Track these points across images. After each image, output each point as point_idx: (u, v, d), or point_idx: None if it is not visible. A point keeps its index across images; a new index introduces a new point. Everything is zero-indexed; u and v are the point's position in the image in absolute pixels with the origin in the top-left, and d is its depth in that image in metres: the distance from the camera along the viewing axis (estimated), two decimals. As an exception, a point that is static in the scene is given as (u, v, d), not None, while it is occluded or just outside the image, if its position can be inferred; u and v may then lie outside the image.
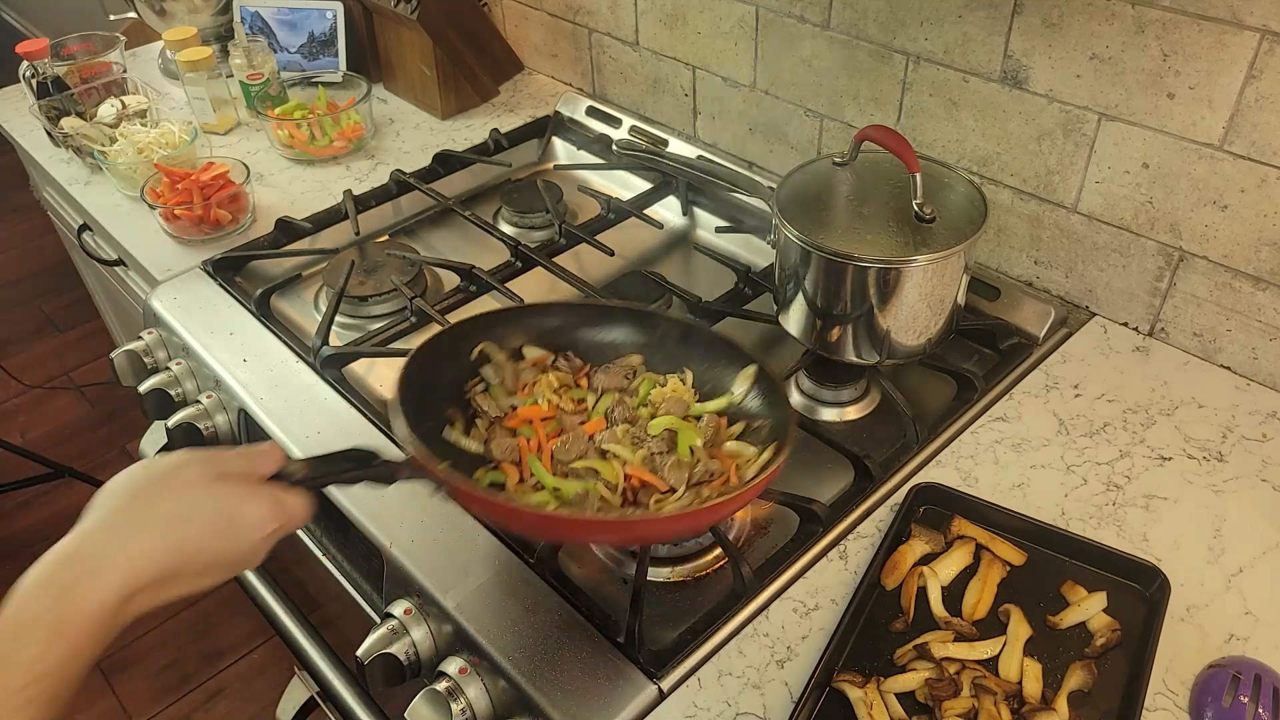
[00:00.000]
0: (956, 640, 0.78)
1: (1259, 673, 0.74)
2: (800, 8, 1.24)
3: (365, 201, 1.41)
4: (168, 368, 1.20)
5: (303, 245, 1.35)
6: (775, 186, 1.03)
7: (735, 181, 1.29)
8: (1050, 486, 0.93)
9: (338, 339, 1.18)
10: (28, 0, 4.08)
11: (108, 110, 1.55)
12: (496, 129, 1.56)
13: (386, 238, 1.40)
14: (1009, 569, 0.85)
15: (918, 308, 0.96)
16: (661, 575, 0.89)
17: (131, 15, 1.82)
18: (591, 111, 1.59)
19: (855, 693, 0.74)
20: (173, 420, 1.14)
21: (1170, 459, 0.95)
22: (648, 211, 1.38)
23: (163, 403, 1.18)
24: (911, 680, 0.75)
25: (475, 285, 1.24)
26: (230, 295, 1.23)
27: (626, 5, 1.47)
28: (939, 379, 1.09)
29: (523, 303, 1.09)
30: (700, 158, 1.41)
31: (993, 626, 0.80)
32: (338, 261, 1.27)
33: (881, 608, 0.83)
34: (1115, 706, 0.74)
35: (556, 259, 1.27)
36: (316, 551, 1.07)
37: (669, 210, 1.42)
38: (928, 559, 0.85)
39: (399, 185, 1.44)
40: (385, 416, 1.06)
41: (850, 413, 1.07)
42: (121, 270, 1.47)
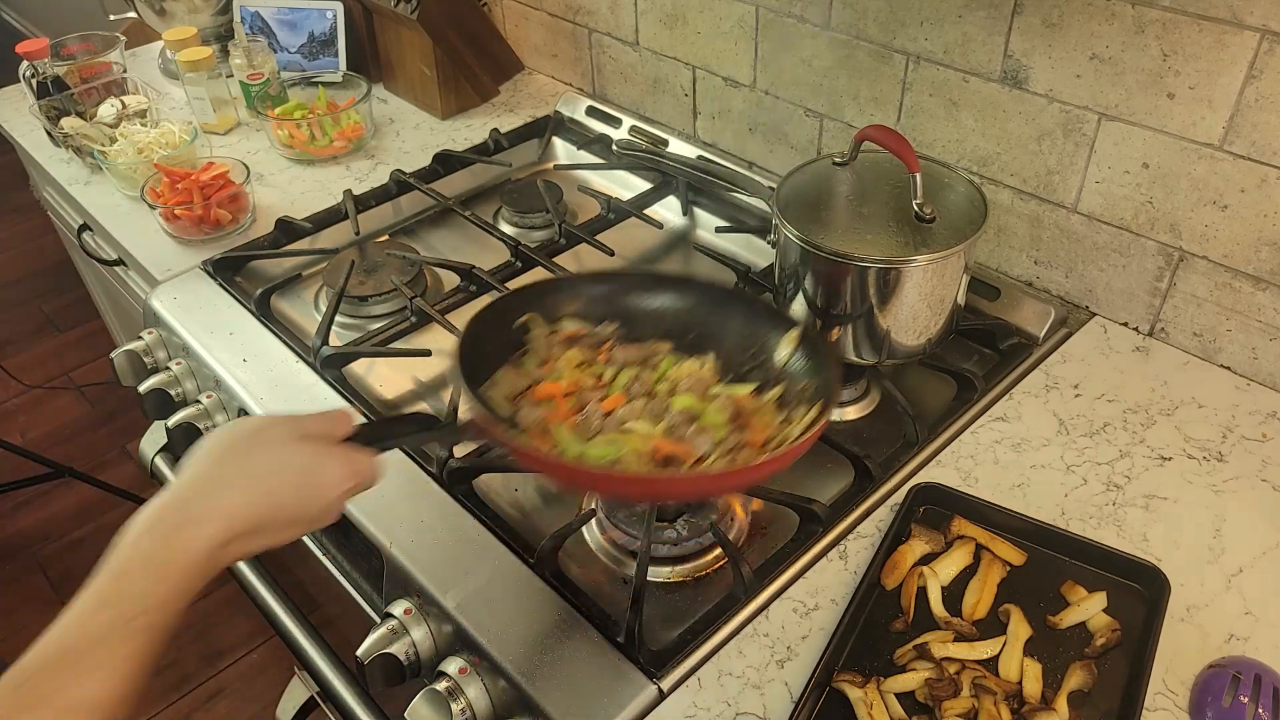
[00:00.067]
0: (956, 640, 0.78)
1: (1259, 673, 0.74)
2: (800, 8, 1.24)
3: (365, 201, 1.41)
4: (168, 368, 1.20)
5: (303, 245, 1.35)
6: (775, 186, 1.03)
7: (735, 181, 1.29)
8: (1050, 486, 0.93)
9: (338, 339, 1.18)
10: (28, 0, 4.08)
11: (108, 110, 1.55)
12: (496, 129, 1.56)
13: (386, 238, 1.40)
14: (1009, 569, 0.85)
15: (918, 308, 0.96)
16: (661, 575, 0.89)
17: (131, 15, 1.82)
18: (591, 111, 1.59)
19: (855, 693, 0.74)
20: (173, 420, 1.14)
21: (1170, 459, 0.95)
22: (648, 211, 1.38)
23: (163, 403, 1.18)
24: (911, 680, 0.75)
25: (475, 285, 1.24)
26: (230, 295, 1.23)
27: (626, 5, 1.47)
28: (939, 379, 1.09)
29: (570, 273, 1.07)
30: (700, 158, 1.41)
31: (993, 626, 0.80)
32: (338, 261, 1.27)
33: (881, 608, 0.83)
34: (1115, 706, 0.74)
35: (556, 259, 1.27)
36: (316, 551, 1.07)
37: (669, 210, 1.42)
38: (928, 559, 0.85)
39: (399, 185, 1.44)
40: (384, 416, 1.06)
41: (850, 413, 1.07)
42: (121, 270, 1.47)
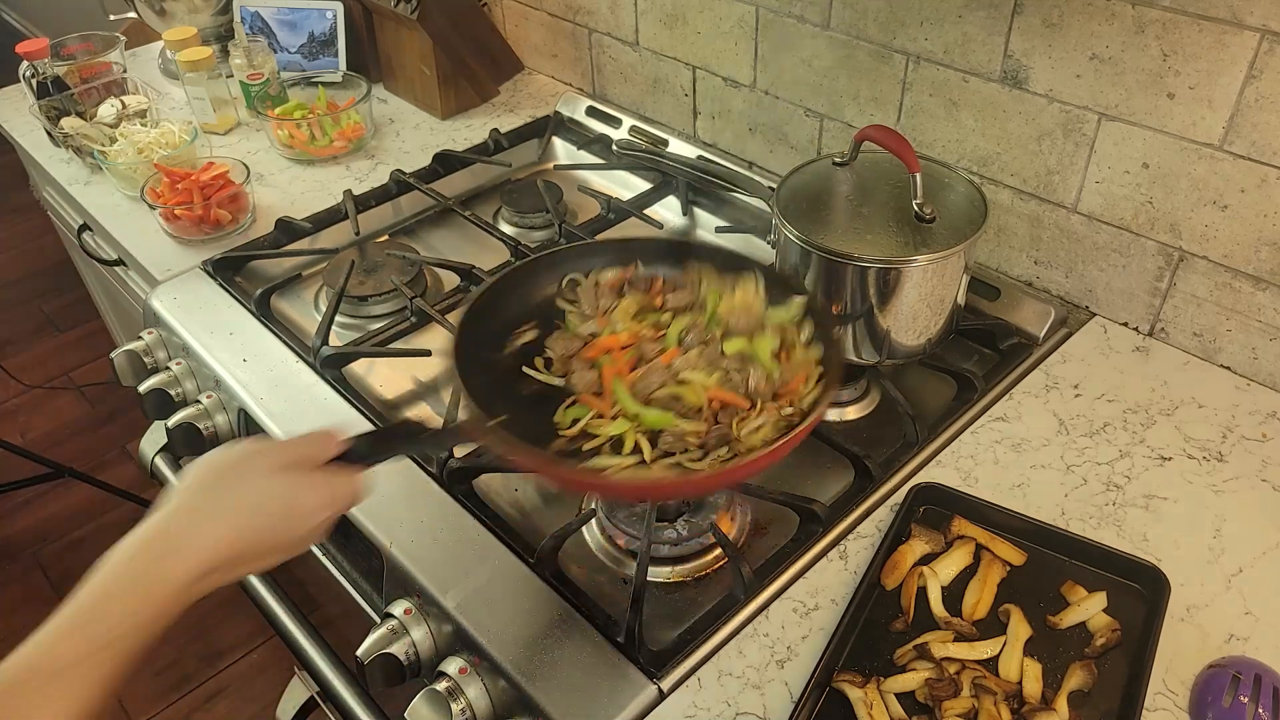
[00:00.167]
0: (956, 640, 0.78)
1: (1259, 673, 0.74)
2: (800, 8, 1.24)
3: (365, 201, 1.41)
4: (168, 368, 1.20)
5: (303, 245, 1.35)
6: (775, 186, 1.03)
7: (735, 181, 1.30)
8: (1050, 486, 0.93)
9: (338, 339, 1.18)
10: (28, 0, 4.08)
11: (108, 110, 1.55)
12: (496, 129, 1.56)
13: (386, 238, 1.40)
14: (1009, 569, 0.85)
15: (918, 308, 0.96)
16: (661, 575, 0.89)
17: (131, 15, 1.82)
18: (591, 111, 1.59)
19: (855, 693, 0.74)
20: (173, 420, 1.14)
21: (1170, 459, 0.95)
22: (648, 211, 1.38)
23: (163, 403, 1.18)
24: (911, 680, 0.75)
25: (475, 285, 1.24)
26: (230, 295, 1.23)
27: (626, 5, 1.47)
28: (939, 379, 1.09)
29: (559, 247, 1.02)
30: (700, 158, 1.41)
31: (993, 626, 0.80)
32: (338, 261, 1.27)
33: (881, 608, 0.83)
34: (1115, 706, 0.74)
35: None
36: (316, 551, 1.07)
37: (669, 210, 1.42)
38: (928, 559, 0.85)
39: (399, 185, 1.44)
40: (385, 417, 1.06)
41: (850, 413, 1.07)
42: (121, 270, 1.47)
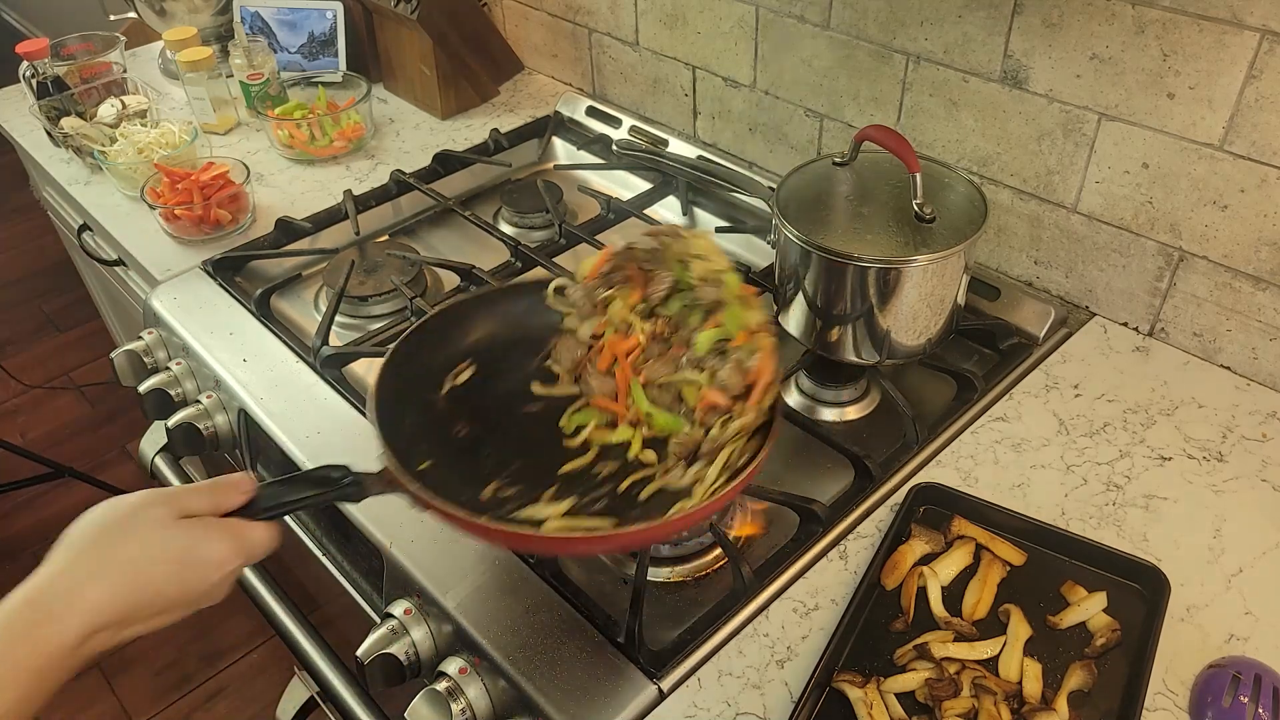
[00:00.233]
0: (956, 640, 0.78)
1: (1259, 673, 0.74)
2: (800, 8, 1.24)
3: (365, 201, 1.41)
4: (168, 368, 1.20)
5: (303, 245, 1.35)
6: (775, 186, 1.03)
7: (735, 181, 1.30)
8: (1050, 486, 0.93)
9: (338, 339, 1.18)
10: (28, 0, 4.08)
11: (108, 110, 1.55)
12: (496, 129, 1.56)
13: (386, 238, 1.40)
14: (1009, 569, 0.85)
15: (918, 308, 0.96)
16: (661, 575, 0.89)
17: (131, 15, 1.82)
18: (591, 111, 1.59)
19: (855, 693, 0.74)
20: (173, 420, 1.14)
21: (1170, 459, 0.95)
22: (648, 211, 1.38)
23: (163, 403, 1.18)
24: (911, 680, 0.75)
25: (475, 285, 1.24)
26: (230, 295, 1.23)
27: (626, 5, 1.47)
28: (939, 379, 1.09)
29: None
30: (700, 158, 1.41)
31: (993, 626, 0.80)
32: (338, 261, 1.27)
33: (881, 608, 0.83)
34: (1115, 706, 0.74)
35: (556, 259, 1.27)
36: (316, 551, 1.07)
37: (669, 210, 1.42)
38: (928, 559, 0.85)
39: (399, 185, 1.44)
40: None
41: (850, 413, 1.07)
42: (121, 270, 1.47)
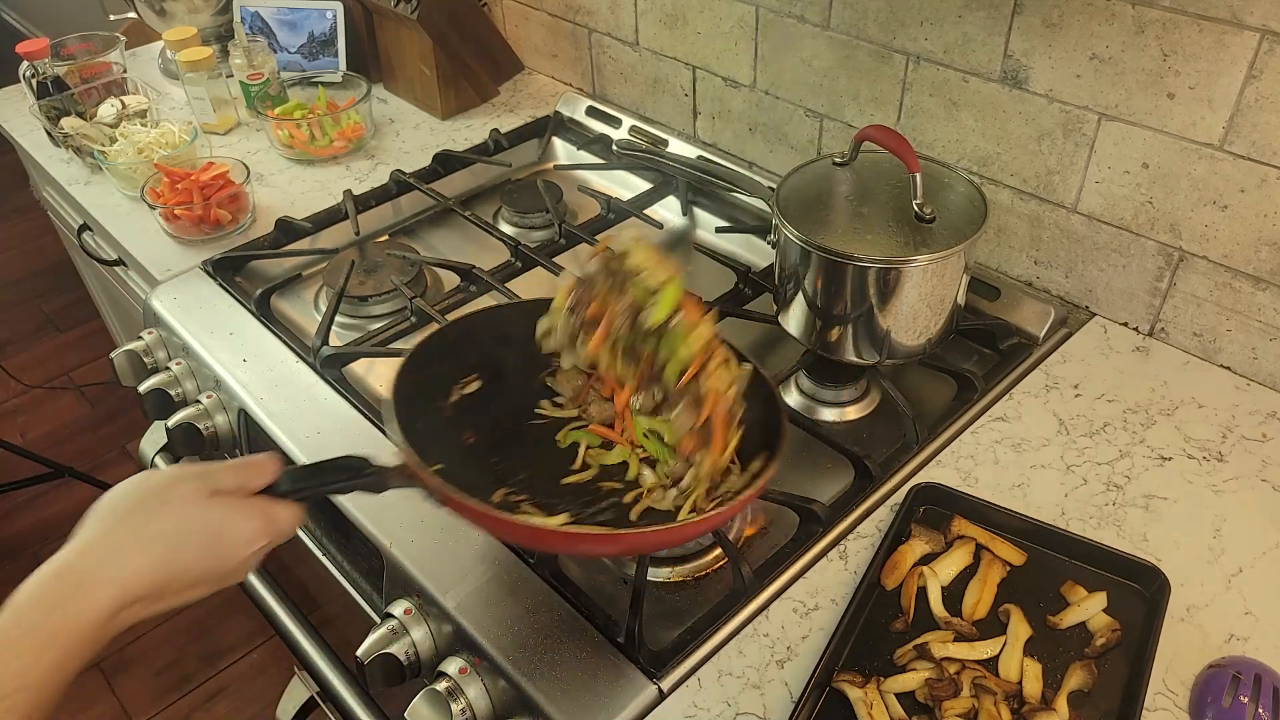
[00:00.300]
0: (956, 640, 0.78)
1: (1259, 673, 0.74)
2: (800, 8, 1.24)
3: (365, 201, 1.41)
4: (168, 368, 1.20)
5: (303, 245, 1.35)
6: (775, 186, 1.03)
7: (735, 181, 1.30)
8: (1050, 486, 0.93)
9: (338, 339, 1.18)
10: (28, 0, 4.08)
11: (108, 110, 1.55)
12: (496, 129, 1.56)
13: (386, 238, 1.40)
14: (1009, 569, 0.85)
15: (918, 308, 0.96)
16: (661, 575, 0.89)
17: (131, 15, 1.82)
18: (591, 111, 1.59)
19: (855, 693, 0.74)
20: (173, 420, 1.14)
21: (1170, 459, 0.95)
22: (648, 211, 1.38)
23: (163, 403, 1.18)
24: (911, 680, 0.75)
25: (475, 285, 1.24)
26: (230, 295, 1.23)
27: (626, 5, 1.47)
28: (939, 379, 1.09)
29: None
30: (700, 158, 1.41)
31: (993, 626, 0.80)
32: (338, 261, 1.27)
33: (881, 608, 0.83)
34: (1115, 706, 0.74)
35: (556, 259, 1.27)
36: (316, 551, 1.07)
37: (669, 210, 1.42)
38: (928, 559, 0.85)
39: (399, 185, 1.44)
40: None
41: (850, 413, 1.07)
42: (121, 270, 1.47)
